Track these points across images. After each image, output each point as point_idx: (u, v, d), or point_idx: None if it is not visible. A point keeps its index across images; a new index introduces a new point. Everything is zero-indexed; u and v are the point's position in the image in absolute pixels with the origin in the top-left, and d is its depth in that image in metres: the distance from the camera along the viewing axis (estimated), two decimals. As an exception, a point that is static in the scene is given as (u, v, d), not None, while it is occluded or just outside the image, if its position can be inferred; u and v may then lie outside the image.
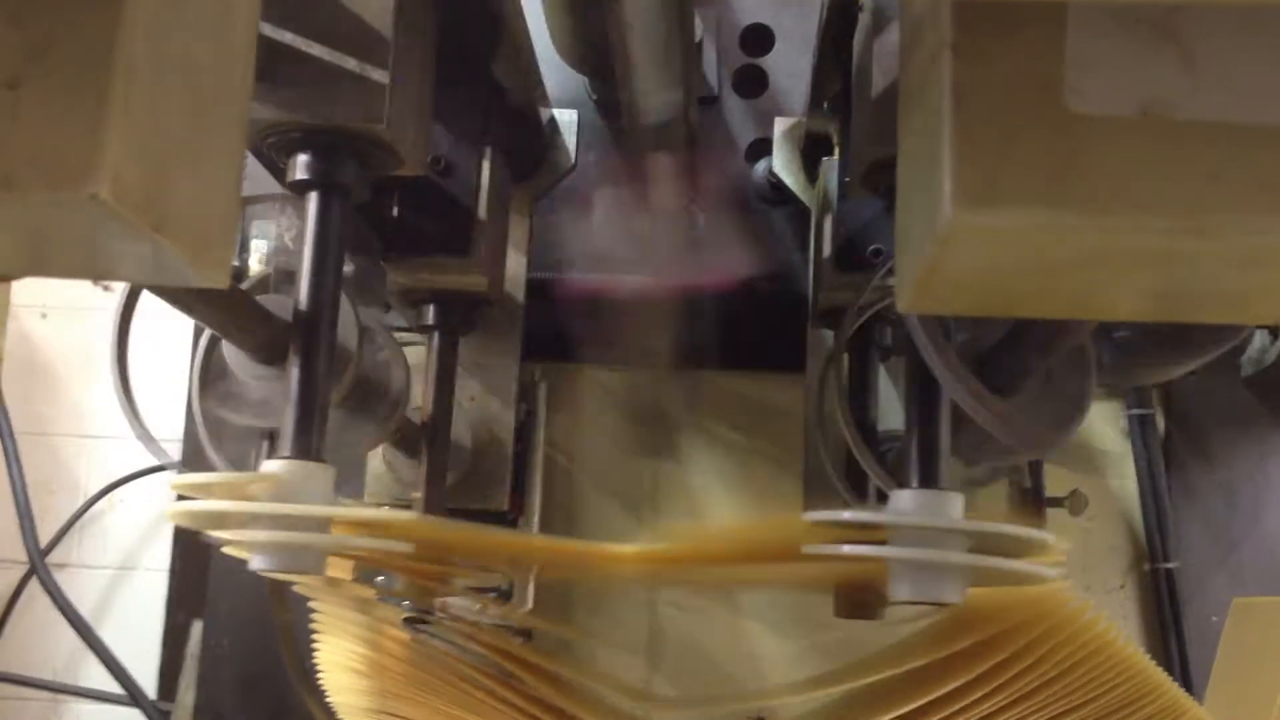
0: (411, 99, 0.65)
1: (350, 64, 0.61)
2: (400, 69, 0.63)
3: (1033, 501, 0.97)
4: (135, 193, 0.34)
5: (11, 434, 1.37)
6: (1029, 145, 0.33)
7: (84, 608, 2.10)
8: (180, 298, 0.64)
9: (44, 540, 1.49)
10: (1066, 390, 0.74)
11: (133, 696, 1.15)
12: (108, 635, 2.08)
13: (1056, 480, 0.94)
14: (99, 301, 2.18)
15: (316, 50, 0.61)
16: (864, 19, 0.68)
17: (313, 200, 0.64)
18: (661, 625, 1.10)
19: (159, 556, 2.12)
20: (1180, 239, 0.32)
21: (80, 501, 2.09)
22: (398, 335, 0.95)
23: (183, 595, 1.47)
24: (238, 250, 0.92)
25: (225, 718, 1.05)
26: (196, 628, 1.09)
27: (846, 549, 0.60)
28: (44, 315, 2.22)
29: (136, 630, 1.66)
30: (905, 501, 0.61)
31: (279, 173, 0.68)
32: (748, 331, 1.13)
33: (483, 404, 1.01)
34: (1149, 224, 0.32)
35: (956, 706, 0.66)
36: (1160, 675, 0.65)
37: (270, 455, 0.63)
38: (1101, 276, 0.35)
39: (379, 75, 0.62)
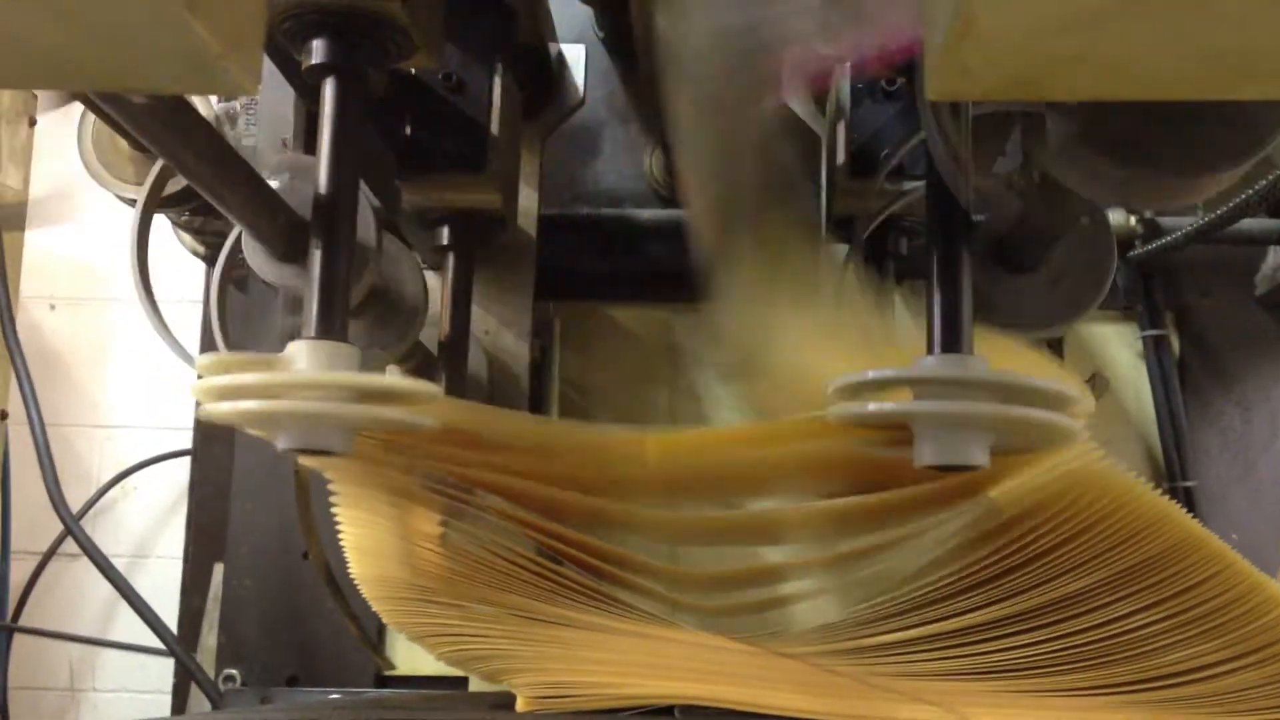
0: (426, -15, 0.66)
1: (365, -54, 0.62)
2: (415, -44, 0.63)
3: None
4: (168, -38, 0.34)
5: (32, 384, 1.37)
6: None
7: (100, 597, 2.11)
8: (209, 183, 0.64)
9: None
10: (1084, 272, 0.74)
11: (168, 645, 1.15)
12: (124, 625, 2.09)
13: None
14: (106, 292, 2.20)
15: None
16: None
17: (329, 86, 0.64)
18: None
19: (172, 544, 2.13)
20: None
21: (93, 491, 2.10)
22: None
23: (196, 581, 1.46)
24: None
25: (249, 658, 1.05)
26: (218, 570, 1.09)
27: (872, 407, 0.60)
28: (52, 307, 2.23)
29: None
30: (928, 364, 0.60)
31: (293, 69, 0.68)
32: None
33: (497, 337, 1.02)
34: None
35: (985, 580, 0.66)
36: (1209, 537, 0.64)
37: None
38: (1134, 30, 0.35)
39: (394, -43, 0.62)
